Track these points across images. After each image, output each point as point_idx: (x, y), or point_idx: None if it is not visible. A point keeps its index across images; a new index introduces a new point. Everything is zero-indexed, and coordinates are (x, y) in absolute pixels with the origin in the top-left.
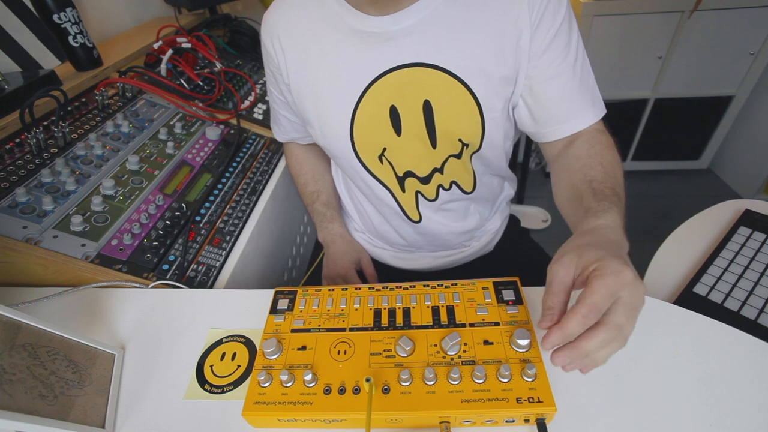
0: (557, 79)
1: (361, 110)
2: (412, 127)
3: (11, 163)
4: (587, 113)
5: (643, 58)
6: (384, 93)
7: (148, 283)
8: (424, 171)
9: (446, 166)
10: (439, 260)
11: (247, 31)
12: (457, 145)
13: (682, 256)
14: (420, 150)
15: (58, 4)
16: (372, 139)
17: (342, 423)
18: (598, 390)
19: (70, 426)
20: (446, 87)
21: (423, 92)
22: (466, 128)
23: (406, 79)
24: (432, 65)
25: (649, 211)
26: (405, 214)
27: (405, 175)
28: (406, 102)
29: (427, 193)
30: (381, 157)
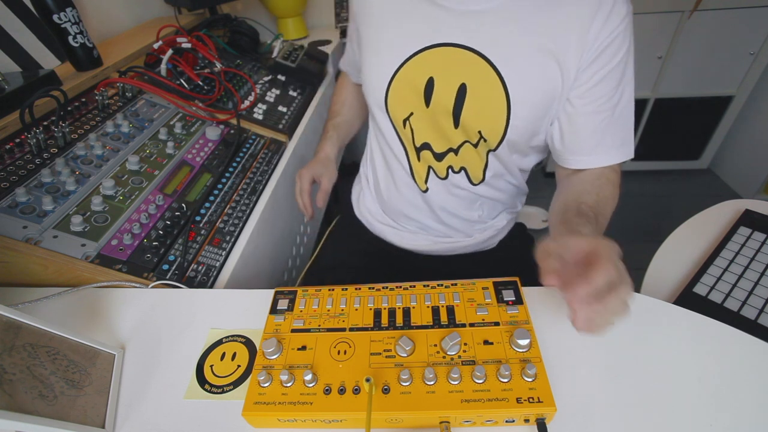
0: (598, 115)
1: (403, 71)
2: (441, 102)
3: (11, 163)
4: (613, 154)
5: (643, 58)
6: (429, 62)
7: (148, 283)
8: (440, 147)
9: (462, 149)
10: (439, 245)
11: (247, 31)
12: (476, 135)
13: (682, 256)
14: (442, 125)
15: (58, 4)
16: (403, 100)
17: (342, 423)
18: (598, 390)
19: (70, 426)
20: (486, 80)
21: (464, 76)
22: (489, 124)
23: (454, 58)
24: (482, 55)
25: (649, 211)
26: (414, 180)
27: (422, 147)
28: (445, 78)
29: (438, 170)
30: (406, 121)
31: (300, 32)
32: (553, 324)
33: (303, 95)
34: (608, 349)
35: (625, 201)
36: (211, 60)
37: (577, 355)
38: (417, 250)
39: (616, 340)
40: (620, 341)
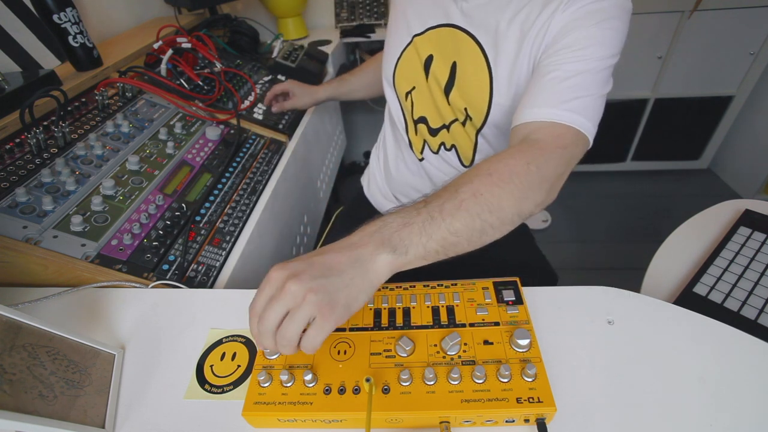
0: (554, 73)
1: (410, 47)
2: (436, 78)
3: (11, 163)
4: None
5: (643, 58)
6: (432, 41)
7: (148, 283)
8: (434, 123)
9: (452, 127)
10: None
11: (247, 31)
12: (462, 113)
13: (682, 256)
14: (437, 101)
15: (58, 4)
16: (407, 74)
17: (342, 423)
18: (598, 390)
19: (70, 426)
20: (474, 60)
21: (456, 55)
22: (474, 101)
23: (451, 38)
24: (473, 36)
25: (649, 211)
26: (412, 150)
27: (419, 120)
28: (442, 56)
29: (431, 144)
30: (408, 94)
31: (300, 32)
32: (553, 324)
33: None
34: (608, 349)
35: (626, 201)
36: (211, 60)
37: (577, 355)
38: None
39: (616, 340)
40: (620, 341)
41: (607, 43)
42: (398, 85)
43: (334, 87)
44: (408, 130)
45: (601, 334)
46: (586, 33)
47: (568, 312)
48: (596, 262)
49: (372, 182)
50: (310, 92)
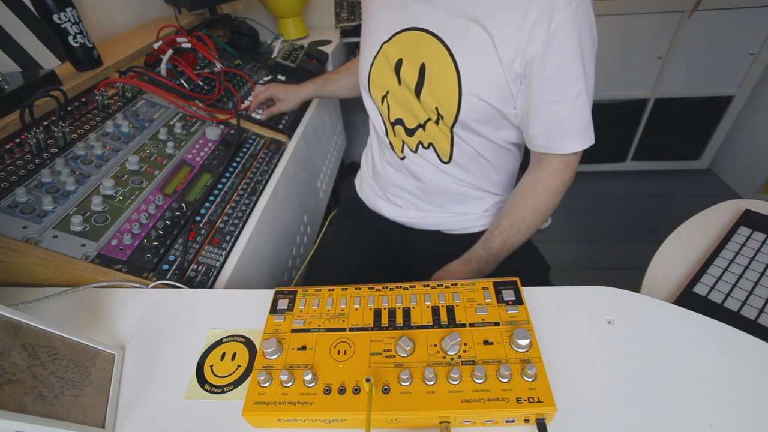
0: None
1: (381, 53)
2: (406, 81)
3: (11, 163)
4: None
5: (643, 58)
6: (400, 45)
7: (148, 283)
8: (410, 123)
9: (427, 126)
10: (426, 218)
11: (247, 31)
12: (434, 113)
13: (682, 256)
14: (410, 103)
15: (58, 4)
16: (380, 79)
17: (342, 423)
18: (598, 390)
19: (70, 426)
20: (441, 60)
21: (424, 56)
22: (443, 101)
23: (417, 41)
24: (438, 38)
25: (649, 211)
26: (393, 149)
27: (395, 122)
28: (410, 59)
29: (409, 144)
30: (384, 99)
31: (300, 32)
32: (553, 324)
33: None
34: (608, 349)
35: (625, 201)
36: (211, 60)
37: (577, 355)
38: (407, 223)
39: (616, 340)
40: (620, 341)
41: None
42: (373, 91)
43: (318, 86)
44: (387, 132)
45: (601, 334)
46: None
47: (568, 312)
48: (596, 262)
49: (364, 182)
50: (294, 93)
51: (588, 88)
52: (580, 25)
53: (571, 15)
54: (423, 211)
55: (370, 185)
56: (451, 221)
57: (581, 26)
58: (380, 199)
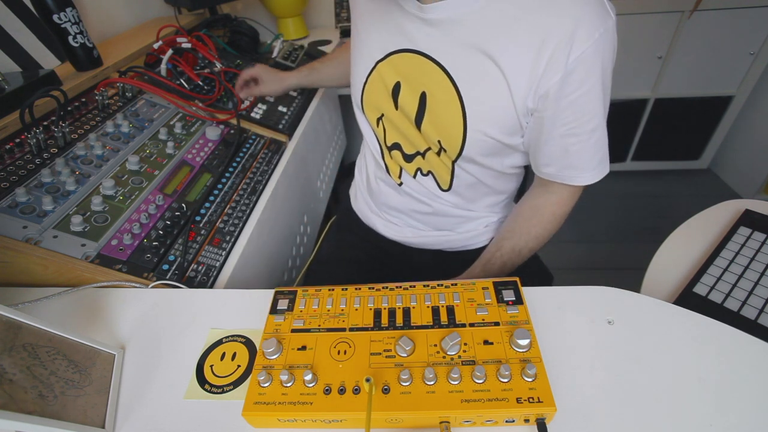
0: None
1: (376, 72)
2: (405, 108)
3: (11, 163)
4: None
5: (643, 58)
6: (397, 67)
7: (148, 283)
8: (409, 149)
9: (427, 155)
10: (424, 237)
11: (247, 31)
12: (436, 145)
13: (682, 256)
14: (409, 130)
15: (58, 4)
16: (375, 101)
17: (342, 423)
18: (598, 390)
19: (70, 426)
20: (444, 92)
21: (425, 84)
22: (447, 136)
23: (417, 66)
24: (442, 66)
25: (649, 211)
26: (390, 175)
27: (393, 146)
28: (409, 85)
29: (407, 170)
30: (379, 120)
31: (300, 32)
32: (553, 324)
33: (303, 95)
34: (608, 349)
35: (625, 201)
36: (211, 60)
37: (577, 355)
38: (405, 242)
39: (616, 340)
40: (620, 341)
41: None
42: (367, 111)
43: (304, 75)
44: (383, 154)
45: (601, 334)
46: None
47: (568, 312)
48: (596, 262)
49: (359, 196)
50: (279, 79)
51: (605, 117)
52: (603, 56)
53: (593, 47)
54: (421, 230)
55: (364, 200)
56: (450, 240)
57: (604, 56)
58: (376, 216)
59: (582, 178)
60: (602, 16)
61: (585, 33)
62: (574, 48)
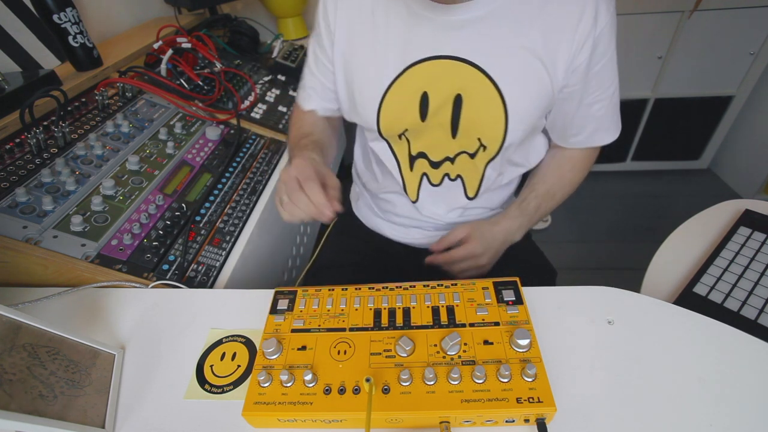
0: (597, 104)
1: (393, 90)
2: (437, 116)
3: (11, 163)
4: (606, 135)
5: (643, 58)
6: (420, 78)
7: (148, 283)
8: (437, 156)
9: (458, 159)
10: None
11: (247, 31)
12: (475, 143)
13: (682, 256)
14: (439, 137)
15: (58, 4)
16: (397, 120)
17: (342, 423)
18: (598, 390)
19: (70, 426)
20: (481, 88)
21: (458, 86)
22: (488, 131)
23: (446, 71)
24: (473, 64)
25: (649, 211)
26: (405, 191)
27: (417, 155)
28: (439, 92)
29: (432, 177)
30: (401, 136)
31: (300, 32)
32: (553, 324)
33: None
34: (608, 349)
35: (625, 201)
36: (211, 60)
37: (577, 355)
38: (412, 244)
39: (616, 340)
40: (620, 341)
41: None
42: (385, 131)
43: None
44: (402, 170)
45: (601, 334)
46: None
47: (568, 312)
48: (596, 262)
49: (361, 201)
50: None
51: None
52: (614, 26)
53: (610, 16)
54: (428, 231)
55: (368, 205)
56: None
57: (615, 26)
58: (381, 220)
59: (608, 137)
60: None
61: (605, 5)
62: (599, 22)
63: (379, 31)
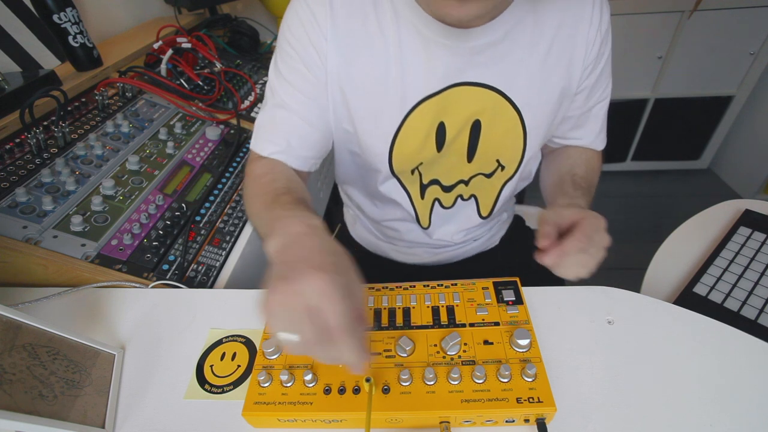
0: (604, 101)
1: (407, 125)
2: (454, 143)
3: (11, 163)
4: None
5: (643, 58)
6: (436, 109)
7: (148, 283)
8: (450, 181)
9: (473, 180)
10: (440, 255)
11: (247, 31)
12: (493, 164)
13: (682, 256)
14: (453, 163)
15: (58, 4)
16: (412, 155)
17: (342, 423)
18: (598, 390)
19: (70, 426)
20: (500, 110)
21: (476, 111)
22: (508, 149)
23: (463, 97)
24: (493, 87)
25: (649, 211)
26: (417, 219)
27: (429, 183)
28: (456, 120)
29: (445, 200)
30: (414, 170)
31: None
32: (553, 324)
33: None
34: (608, 349)
35: (625, 201)
36: (211, 60)
37: (577, 355)
38: (417, 263)
39: (616, 340)
40: (620, 341)
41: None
42: (398, 168)
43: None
44: (413, 200)
45: (601, 334)
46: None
47: (568, 312)
48: None
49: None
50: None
51: None
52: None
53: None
54: (436, 249)
55: (366, 229)
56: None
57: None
58: (384, 243)
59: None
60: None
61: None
62: (602, 23)
63: (390, 61)
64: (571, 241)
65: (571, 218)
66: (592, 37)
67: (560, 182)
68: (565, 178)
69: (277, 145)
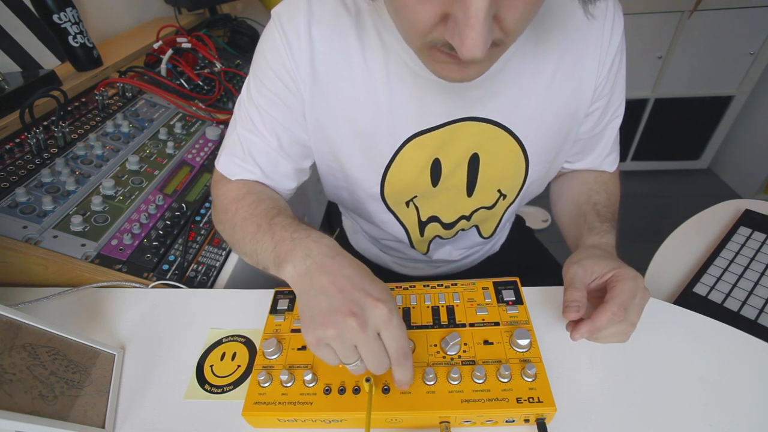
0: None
1: (399, 161)
2: (451, 179)
3: (11, 163)
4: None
5: (643, 58)
6: (430, 146)
7: (148, 283)
8: (450, 218)
9: (474, 215)
10: (441, 269)
11: (247, 31)
12: (494, 195)
13: (682, 256)
14: (453, 199)
15: (58, 4)
16: (405, 189)
17: (342, 423)
18: (598, 390)
19: (70, 426)
20: (499, 142)
21: (474, 146)
22: (509, 178)
23: (459, 132)
24: (491, 120)
25: (649, 211)
26: (414, 248)
27: (429, 220)
28: (452, 156)
29: (445, 235)
30: (408, 203)
31: None
32: (553, 324)
33: None
34: (608, 349)
35: (625, 201)
36: (211, 60)
37: (577, 355)
38: (420, 275)
39: None
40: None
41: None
42: (391, 200)
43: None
44: (411, 235)
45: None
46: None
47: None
48: None
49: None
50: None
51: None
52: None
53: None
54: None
55: (368, 239)
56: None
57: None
58: (385, 255)
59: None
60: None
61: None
62: (613, 38)
63: (379, 95)
64: (605, 315)
65: (603, 275)
66: (603, 55)
67: (581, 214)
68: (585, 208)
69: (251, 173)
